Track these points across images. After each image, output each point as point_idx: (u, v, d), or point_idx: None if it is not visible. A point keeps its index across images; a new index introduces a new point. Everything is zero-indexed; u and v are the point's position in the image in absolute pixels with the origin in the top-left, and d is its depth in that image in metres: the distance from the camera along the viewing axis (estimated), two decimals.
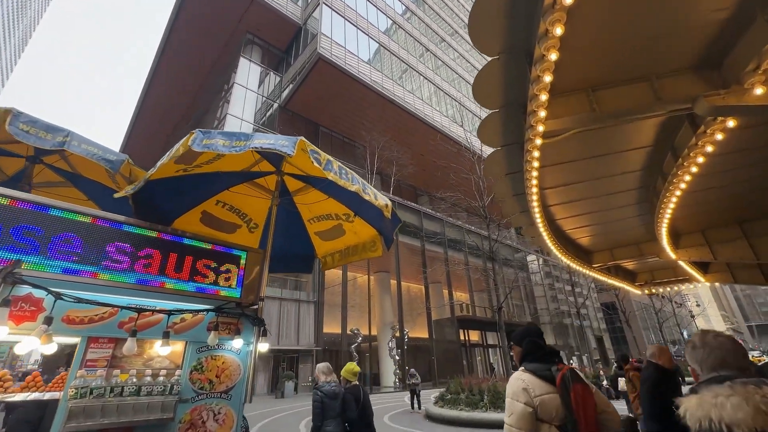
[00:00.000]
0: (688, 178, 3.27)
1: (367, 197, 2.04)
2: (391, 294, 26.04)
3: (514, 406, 1.85)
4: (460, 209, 21.90)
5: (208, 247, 2.14)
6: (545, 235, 5.04)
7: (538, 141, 2.75)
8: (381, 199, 2.16)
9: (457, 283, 29.27)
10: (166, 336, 1.86)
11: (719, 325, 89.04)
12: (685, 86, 2.49)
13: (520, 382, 1.91)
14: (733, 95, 2.36)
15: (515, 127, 3.04)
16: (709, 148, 2.85)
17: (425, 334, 24.48)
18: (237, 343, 2.04)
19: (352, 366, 4.02)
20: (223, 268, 2.10)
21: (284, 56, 31.78)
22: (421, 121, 30.44)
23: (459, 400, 10.00)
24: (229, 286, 2.08)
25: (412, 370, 12.34)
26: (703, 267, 7.23)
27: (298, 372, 21.66)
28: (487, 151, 4.56)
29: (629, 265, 7.80)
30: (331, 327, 23.65)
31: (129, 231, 1.96)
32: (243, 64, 28.18)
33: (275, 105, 29.34)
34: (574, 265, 6.25)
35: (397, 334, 21.74)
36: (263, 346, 2.26)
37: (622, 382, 8.85)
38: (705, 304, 71.22)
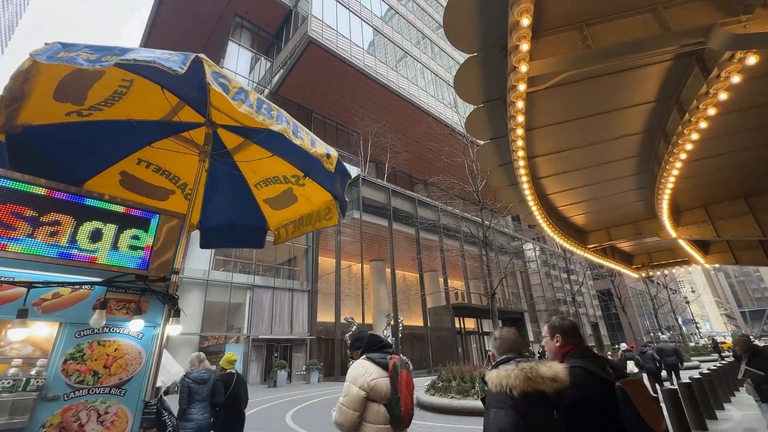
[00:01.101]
0: (695, 137, 2.86)
1: (298, 141, 1.62)
2: (387, 282, 25.77)
3: (350, 389, 2.23)
4: (455, 197, 21.50)
5: (120, 210, 1.73)
6: (536, 211, 4.65)
7: (522, 87, 2.32)
8: (320, 147, 1.75)
9: (453, 271, 29.04)
10: (22, 315, 1.43)
11: (713, 311, 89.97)
12: (697, 14, 2.06)
13: (362, 369, 2.28)
14: (758, 21, 1.93)
15: (497, 78, 2.61)
16: (723, 96, 2.43)
17: (421, 323, 24.31)
18: (136, 324, 1.62)
19: (229, 355, 4.39)
20: (125, 234, 1.69)
21: (274, 40, 30.91)
22: (416, 106, 29.80)
23: (450, 387, 9.74)
24: (131, 255, 1.66)
25: (404, 357, 12.05)
26: (703, 247, 6.89)
27: (291, 361, 21.47)
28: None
29: (626, 246, 7.45)
30: (326, 316, 23.42)
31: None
32: (232, 48, 27.36)
33: (266, 91, 28.60)
34: (568, 246, 5.88)
35: (392, 323, 21.50)
36: (174, 329, 1.85)
37: (631, 365, 9.06)
38: (700, 291, 71.72)
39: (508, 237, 34.88)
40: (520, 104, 2.54)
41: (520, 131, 2.89)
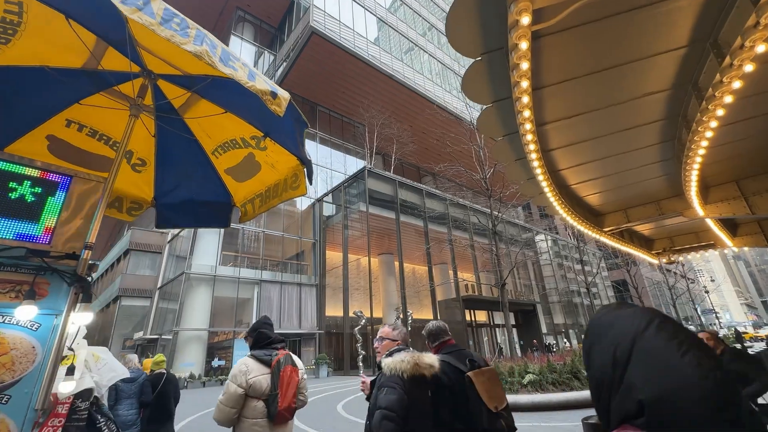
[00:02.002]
0: (737, 85, 2.39)
1: (227, 71, 1.24)
2: (396, 276, 25.42)
3: (229, 387, 2.30)
4: (463, 187, 20.95)
5: (35, 173, 1.39)
6: (547, 189, 4.20)
7: (525, 19, 1.90)
8: (261, 83, 1.37)
9: (463, 264, 28.55)
10: None
11: (733, 301, 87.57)
12: None
13: (243, 367, 2.36)
14: None
15: (497, 21, 2.18)
16: None
17: (431, 316, 23.93)
18: (25, 312, 1.27)
19: (157, 357, 4.58)
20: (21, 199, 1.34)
21: (277, 33, 30.54)
22: (421, 95, 29.19)
23: None
24: (24, 220, 1.30)
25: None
26: (731, 229, 6.33)
27: (300, 356, 21.37)
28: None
29: (645, 230, 6.93)
30: (334, 310, 23.25)
31: None
32: (234, 42, 27.07)
33: None
34: (583, 228, 5.41)
35: (401, 316, 21.19)
36: (84, 318, 1.50)
37: None
38: (720, 280, 69.71)
39: (518, 228, 34.15)
40: (524, 45, 2.12)
41: (525, 84, 2.46)
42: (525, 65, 2.36)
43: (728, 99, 2.55)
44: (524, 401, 7.93)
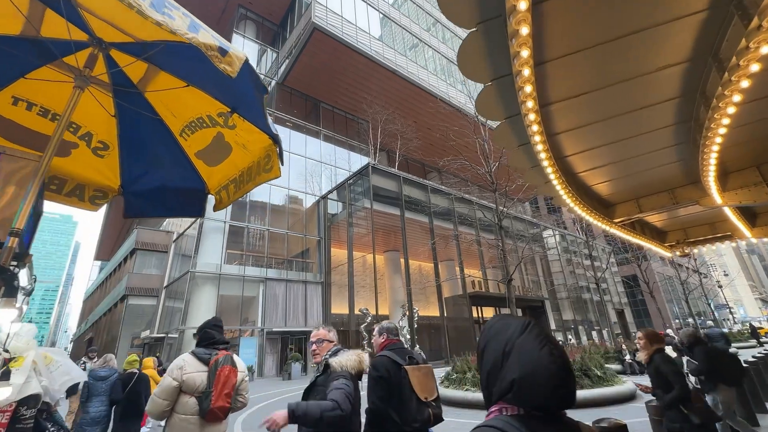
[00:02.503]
0: (766, 50, 2.13)
1: (158, 17, 1.04)
2: (402, 273, 25.22)
3: (165, 380, 2.34)
4: (469, 183, 20.64)
5: None
6: (554, 177, 3.96)
7: None
8: (206, 37, 1.16)
9: (470, 260, 28.25)
10: None
11: (747, 296, 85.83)
12: None
13: (181, 362, 2.42)
14: None
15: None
16: None
17: (438, 313, 23.70)
18: None
19: (130, 357, 4.83)
20: None
21: (279, 30, 30.40)
22: (425, 90, 28.84)
23: (465, 379, 9.16)
24: None
25: (416, 348, 11.54)
26: (750, 219, 6.00)
27: (306, 353, 21.30)
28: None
29: (657, 221, 6.63)
30: (340, 308, 23.13)
31: None
32: (236, 40, 26.97)
33: (273, 82, 28.22)
34: (592, 220, 5.15)
35: (407, 313, 21.02)
36: (7, 315, 1.30)
37: (669, 349, 8.62)
38: (733, 274, 68.32)
39: (525, 223, 33.72)
40: (523, 5, 1.89)
41: (526, 52, 2.23)
42: (525, 30, 2.14)
43: (755, 68, 2.29)
44: None
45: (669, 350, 8.81)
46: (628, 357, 12.69)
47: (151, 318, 23.60)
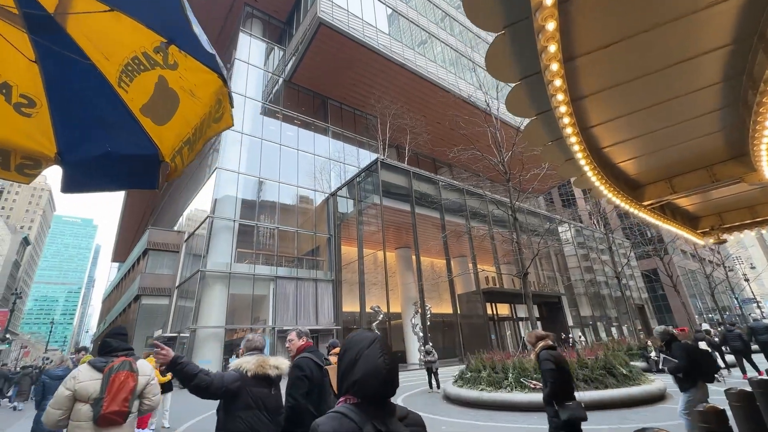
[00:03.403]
0: None
1: None
2: (413, 270, 24.81)
3: (58, 390, 2.52)
4: (480, 175, 20.03)
5: None
6: (578, 148, 3.48)
7: None
8: None
9: (483, 256, 27.63)
10: None
11: None
12: None
13: (75, 372, 2.61)
14: None
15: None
16: None
17: (451, 310, 23.19)
18: None
19: (85, 358, 4.82)
20: None
21: (286, 27, 30.22)
22: (435, 84, 28.26)
23: (480, 378, 8.70)
24: None
25: (428, 346, 11.12)
26: None
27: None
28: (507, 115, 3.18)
29: (689, 205, 6.04)
30: (352, 306, 22.85)
31: None
32: (243, 39, 26.89)
33: (280, 80, 28.06)
34: (618, 202, 4.64)
35: (420, 311, 20.60)
36: None
37: (703, 345, 8.34)
38: (760, 267, 65.61)
39: (540, 218, 32.86)
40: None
41: (553, 48, 1.82)
42: (552, 25, 2.05)
43: None
44: None
45: (703, 345, 8.25)
46: (653, 354, 11.99)
47: (164, 318, 23.74)
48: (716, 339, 8.51)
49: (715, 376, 4.47)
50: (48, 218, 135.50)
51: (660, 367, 4.68)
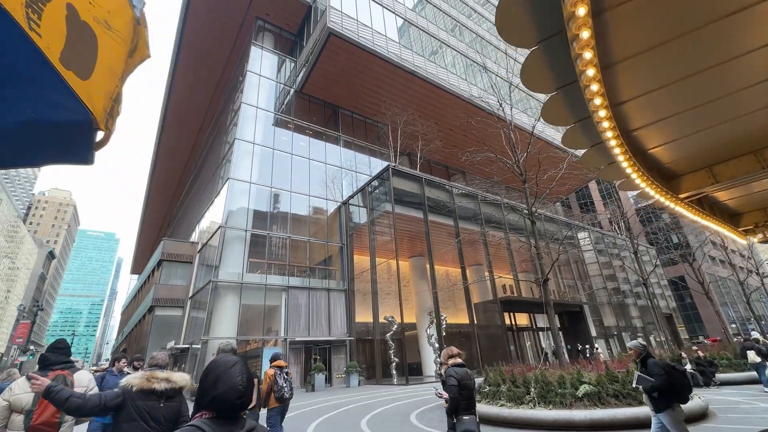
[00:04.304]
0: None
1: None
2: (428, 279, 24.19)
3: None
4: (494, 179, 19.45)
5: None
6: (607, 125, 3.04)
7: None
8: None
9: (499, 265, 26.82)
10: None
11: None
12: None
13: (13, 385, 2.88)
14: None
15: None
16: None
17: (468, 320, 22.40)
18: None
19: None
20: None
21: (297, 40, 30.59)
22: (446, 90, 27.98)
23: (499, 393, 8.08)
24: None
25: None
26: None
27: (331, 363, 20.62)
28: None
29: (730, 199, 5.45)
30: (365, 316, 22.35)
31: None
32: (254, 51, 27.30)
33: (291, 91, 28.29)
34: (653, 193, 4.12)
35: (435, 320, 19.94)
36: None
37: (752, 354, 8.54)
38: None
39: (559, 224, 31.85)
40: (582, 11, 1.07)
41: (588, 54, 1.43)
42: (586, 34, 2.10)
43: None
44: (580, 418, 6.54)
45: (752, 355, 7.46)
46: (689, 367, 11.09)
47: (178, 329, 23.71)
48: (765, 349, 7.69)
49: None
50: (72, 232, 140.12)
51: (634, 385, 4.29)
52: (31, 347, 48.96)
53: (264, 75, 27.13)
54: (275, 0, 27.84)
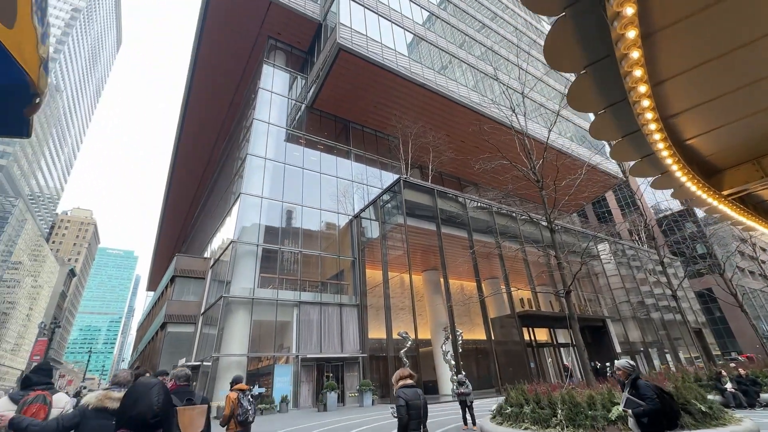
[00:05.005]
0: None
1: None
2: (442, 293, 23.54)
3: None
4: (510, 187, 18.99)
5: None
6: (650, 119, 2.68)
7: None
8: None
9: (516, 278, 25.96)
10: None
11: None
12: None
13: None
14: None
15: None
16: None
17: (484, 335, 21.56)
18: None
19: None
20: None
21: (308, 57, 31.13)
22: (456, 102, 27.88)
23: (523, 415, 7.48)
24: None
25: (461, 376, 9.95)
26: None
27: (344, 381, 20.00)
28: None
29: None
30: (378, 332, 21.77)
31: None
32: (266, 69, 27.85)
33: (303, 107, 28.61)
34: (694, 188, 3.69)
35: (450, 336, 19.22)
36: None
37: None
38: None
39: (577, 235, 30.90)
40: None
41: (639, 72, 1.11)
42: (636, 53, 2.04)
43: None
44: None
45: None
46: (729, 385, 10.20)
47: (190, 345, 23.50)
48: None
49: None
50: (93, 251, 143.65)
51: (621, 408, 4.24)
52: (50, 365, 49.43)
53: (276, 92, 27.54)
54: (286, 20, 28.50)
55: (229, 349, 18.34)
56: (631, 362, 4.43)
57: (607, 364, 23.12)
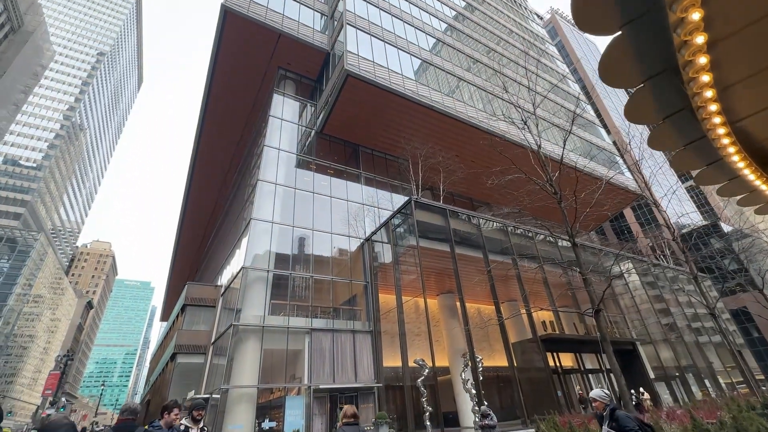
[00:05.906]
0: None
1: None
2: (459, 317, 22.53)
3: None
4: (526, 201, 18.37)
5: None
6: (718, 123, 2.28)
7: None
8: None
9: (536, 301, 24.80)
10: None
11: None
12: None
13: None
14: None
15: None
16: None
17: (506, 362, 20.32)
18: None
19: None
20: None
21: (317, 85, 31.84)
22: (465, 122, 27.85)
23: None
24: None
25: (484, 407, 9.10)
26: None
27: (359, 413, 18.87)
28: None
29: None
30: (393, 359, 20.75)
31: None
32: (276, 98, 28.50)
33: (312, 133, 28.96)
34: (761, 185, 3.17)
35: (470, 363, 18.13)
36: None
37: None
38: None
39: (599, 255, 29.67)
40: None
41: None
42: (704, 59, 1.92)
43: None
44: None
45: None
46: None
47: (200, 376, 22.82)
48: None
49: None
50: (110, 282, 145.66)
51: None
52: (63, 399, 48.91)
53: (285, 119, 28.01)
54: (296, 50, 29.37)
55: (238, 380, 17.64)
56: (607, 392, 4.23)
57: (631, 391, 20.03)
